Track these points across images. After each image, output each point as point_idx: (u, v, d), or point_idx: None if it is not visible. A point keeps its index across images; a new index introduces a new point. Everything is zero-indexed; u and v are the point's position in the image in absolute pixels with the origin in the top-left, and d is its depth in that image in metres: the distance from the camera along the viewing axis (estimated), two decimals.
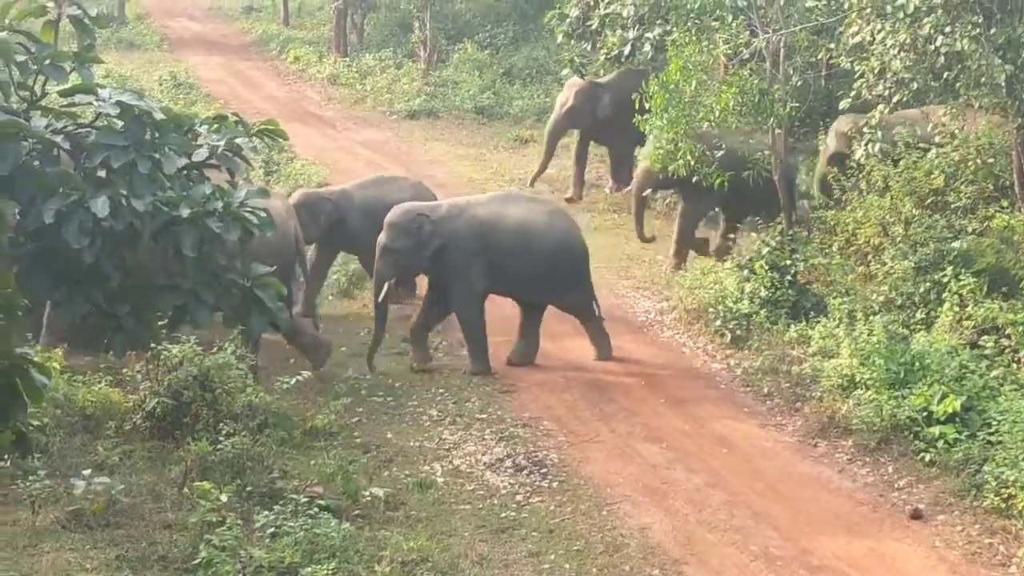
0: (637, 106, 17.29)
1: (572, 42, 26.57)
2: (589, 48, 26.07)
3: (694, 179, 16.96)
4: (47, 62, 5.97)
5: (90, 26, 6.25)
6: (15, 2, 6.19)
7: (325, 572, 9.82)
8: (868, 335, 13.65)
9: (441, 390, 14.37)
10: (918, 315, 14.33)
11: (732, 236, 18.70)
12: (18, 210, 5.80)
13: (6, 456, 6.95)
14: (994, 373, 12.83)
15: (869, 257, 15.78)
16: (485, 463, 12.55)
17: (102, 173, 6.00)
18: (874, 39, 15.81)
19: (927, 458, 12.11)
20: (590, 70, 26.87)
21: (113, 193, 5.83)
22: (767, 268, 15.62)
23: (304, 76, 34.01)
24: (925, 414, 12.44)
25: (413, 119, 29.20)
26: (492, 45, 33.87)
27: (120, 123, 6.04)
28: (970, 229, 15.23)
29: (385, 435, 13.15)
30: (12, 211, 5.71)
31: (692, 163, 16.55)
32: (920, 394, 12.55)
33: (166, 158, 6.03)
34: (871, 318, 14.11)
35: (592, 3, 24.38)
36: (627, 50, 23.12)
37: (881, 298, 14.68)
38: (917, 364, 12.99)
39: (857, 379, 13.25)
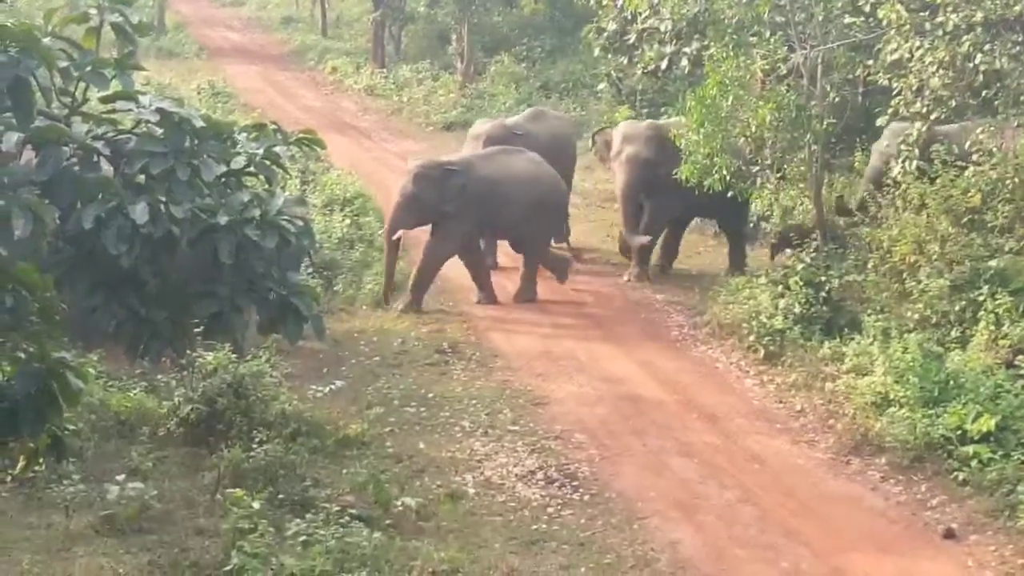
0: None
1: (609, 56, 26.65)
2: (626, 62, 26.11)
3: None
4: (89, 68, 5.99)
5: (132, 34, 6.27)
6: (58, 9, 6.23)
7: None
8: (903, 353, 13.58)
9: (473, 401, 14.38)
10: (953, 334, 14.26)
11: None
12: (58, 215, 5.83)
13: (41, 460, 6.97)
14: None
15: (904, 275, 15.70)
16: (516, 475, 12.54)
17: (141, 179, 6.04)
18: (912, 56, 15.78)
19: (961, 477, 12.04)
20: (626, 84, 26.93)
21: (152, 199, 5.84)
22: (802, 284, 15.57)
23: (341, 87, 34.19)
24: (959, 433, 12.37)
25: (449, 131, 29.28)
26: (529, 58, 33.94)
27: (160, 130, 6.07)
28: (1007, 248, 15.13)
29: (417, 445, 13.16)
30: (52, 216, 5.74)
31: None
32: (954, 413, 12.48)
33: (205, 165, 6.04)
34: (906, 336, 14.04)
35: (630, 17, 24.39)
36: (664, 65, 23.12)
37: (916, 316, 14.62)
38: (952, 383, 12.94)
39: (891, 397, 13.20)
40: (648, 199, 18.87)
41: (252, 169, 6.31)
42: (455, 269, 18.84)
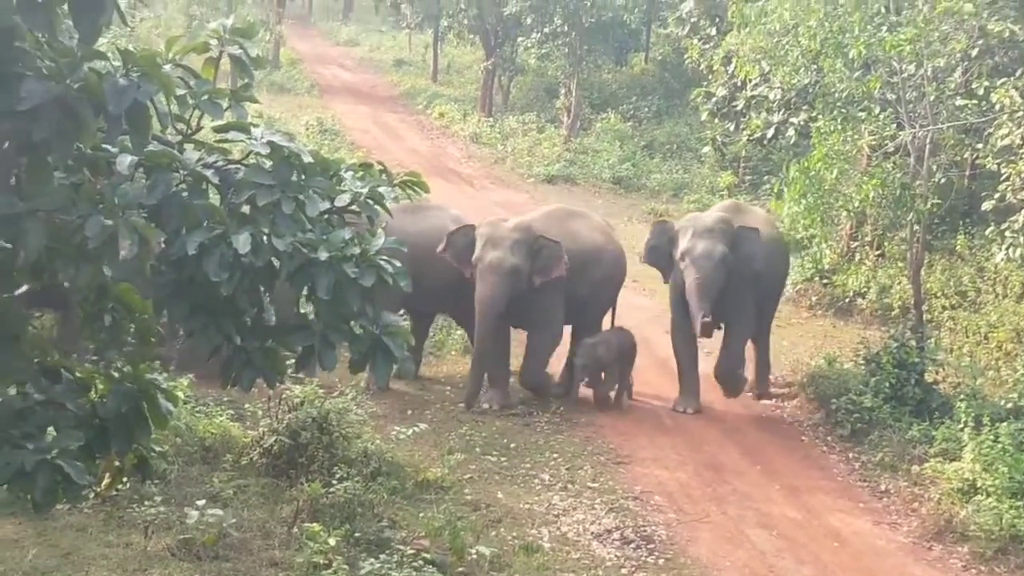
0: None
1: (716, 121, 26.67)
2: (732, 128, 26.10)
3: None
4: (205, 97, 6.09)
5: (249, 66, 6.37)
6: (179, 37, 6.34)
7: None
8: (993, 441, 13.39)
9: (555, 455, 14.35)
10: None
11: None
12: (163, 239, 5.92)
13: (126, 479, 7.05)
14: None
15: (1000, 362, 15.51)
16: (593, 533, 12.49)
17: (247, 210, 6.12)
18: (1023, 143, 15.63)
19: None
20: (731, 150, 26.91)
21: (255, 230, 5.91)
22: (894, 364, 15.41)
23: (447, 132, 34.45)
24: None
25: (551, 183, 29.39)
26: (635, 117, 34.06)
27: (269, 163, 6.15)
28: None
29: (495, 495, 13.15)
30: (158, 239, 5.83)
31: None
32: None
33: (310, 200, 6.10)
34: (998, 424, 13.85)
35: (739, 84, 24.40)
36: (770, 133, 23.07)
37: (1009, 405, 14.43)
38: None
39: (978, 485, 13.00)
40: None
41: (355, 207, 6.37)
42: None
